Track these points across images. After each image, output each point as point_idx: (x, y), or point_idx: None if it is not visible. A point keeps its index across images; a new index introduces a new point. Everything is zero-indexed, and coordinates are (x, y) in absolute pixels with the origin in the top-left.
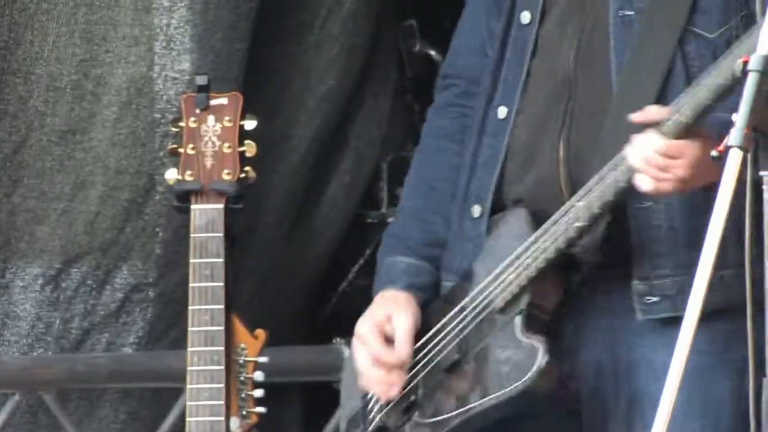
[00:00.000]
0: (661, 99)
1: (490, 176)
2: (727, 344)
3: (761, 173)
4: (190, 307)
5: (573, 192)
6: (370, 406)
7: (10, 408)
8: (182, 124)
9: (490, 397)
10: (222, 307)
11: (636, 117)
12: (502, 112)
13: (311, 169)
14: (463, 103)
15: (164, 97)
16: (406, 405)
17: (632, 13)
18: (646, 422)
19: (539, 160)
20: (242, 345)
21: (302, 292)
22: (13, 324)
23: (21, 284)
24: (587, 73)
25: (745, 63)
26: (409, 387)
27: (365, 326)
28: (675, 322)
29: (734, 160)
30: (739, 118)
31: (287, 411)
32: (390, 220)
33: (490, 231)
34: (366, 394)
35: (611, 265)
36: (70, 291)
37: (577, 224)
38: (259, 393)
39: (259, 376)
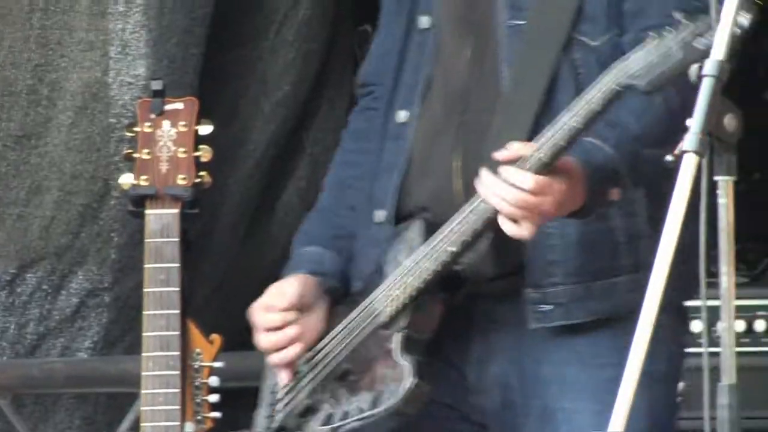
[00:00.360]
0: (547, 110)
1: (391, 181)
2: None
3: (716, 178)
4: (145, 312)
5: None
6: (276, 407)
7: None
8: (137, 129)
9: (366, 414)
10: (177, 312)
11: (500, 155)
12: (401, 116)
13: (267, 174)
14: (371, 108)
15: (119, 102)
16: (302, 408)
17: (523, 22)
18: None
19: (436, 169)
20: (198, 350)
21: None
22: None
23: None
24: (481, 84)
25: (700, 67)
26: (306, 390)
27: (258, 303)
28: (574, 330)
29: (689, 165)
30: (695, 122)
31: (243, 416)
32: None
33: (394, 239)
34: (274, 395)
35: (507, 274)
36: (25, 296)
37: (450, 249)
38: (214, 398)
39: (214, 381)
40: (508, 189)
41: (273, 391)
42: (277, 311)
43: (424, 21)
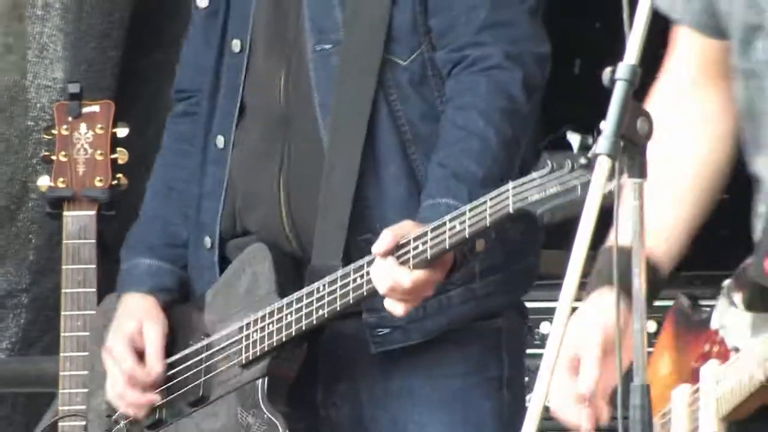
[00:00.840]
0: (369, 139)
1: (216, 207)
2: (481, 363)
3: (629, 180)
4: (63, 313)
5: (295, 232)
6: (114, 413)
7: None
8: (55, 131)
9: None
10: (94, 312)
11: (377, 248)
12: (220, 141)
13: None
14: (198, 112)
15: (38, 105)
16: (152, 421)
17: (329, 46)
18: None
19: (262, 197)
20: None
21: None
22: None
23: None
24: (298, 113)
25: (613, 71)
26: (157, 403)
27: (116, 340)
28: (417, 346)
29: (602, 167)
30: (608, 126)
31: None
32: None
33: (230, 263)
34: (110, 405)
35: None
36: None
37: (321, 312)
38: None
39: None
40: (395, 284)
41: (108, 407)
42: (139, 383)
43: (236, 44)
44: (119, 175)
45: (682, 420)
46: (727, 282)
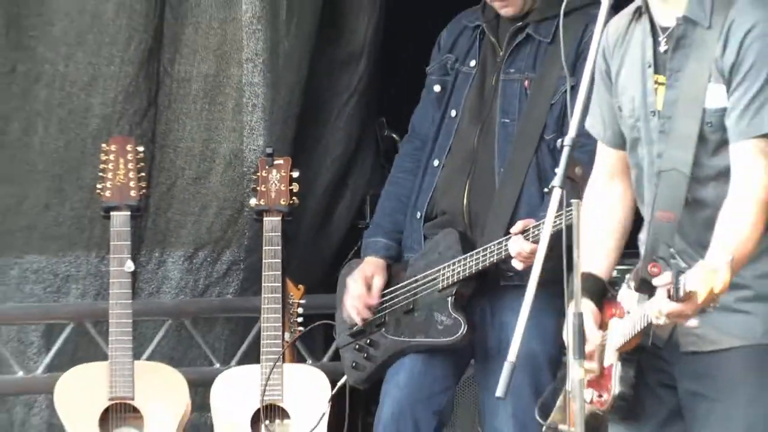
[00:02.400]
0: (522, 191)
1: (426, 197)
2: (550, 301)
3: (571, 200)
4: (263, 273)
5: (469, 221)
6: (356, 326)
7: (164, 330)
8: (258, 174)
9: (429, 340)
10: (279, 272)
11: (513, 230)
12: (435, 162)
13: (332, 188)
14: (416, 154)
15: (249, 160)
16: (378, 322)
17: (508, 120)
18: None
19: (453, 194)
20: (291, 293)
21: (326, 263)
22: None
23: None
24: (483, 153)
25: (562, 140)
26: (381, 312)
27: (358, 276)
28: (521, 288)
29: (557, 195)
30: (560, 171)
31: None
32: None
33: (429, 233)
34: (346, 322)
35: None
36: (197, 264)
37: (483, 264)
38: (299, 320)
39: (300, 311)
40: (520, 250)
41: (345, 320)
42: (368, 301)
43: (453, 113)
44: (294, 198)
45: (598, 351)
46: (628, 275)
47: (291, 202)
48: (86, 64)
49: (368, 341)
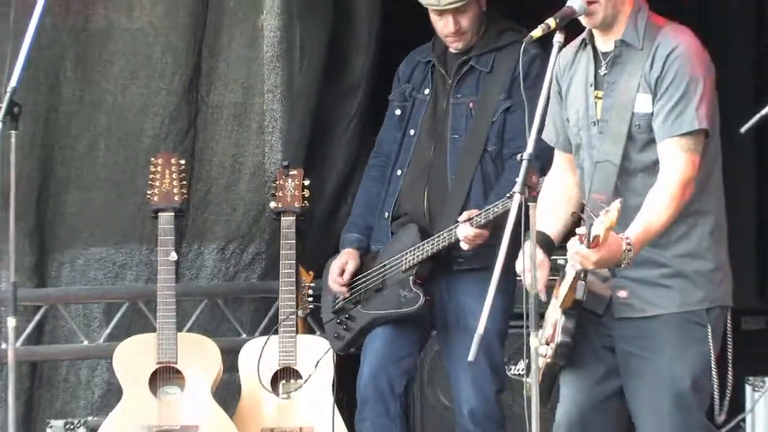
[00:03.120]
0: (470, 191)
1: (392, 200)
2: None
3: (529, 203)
4: (281, 262)
5: (429, 218)
6: (337, 299)
7: (201, 308)
8: (277, 182)
9: (395, 311)
10: (294, 261)
11: (461, 218)
12: (399, 172)
13: (337, 192)
14: (382, 166)
15: (269, 172)
16: (354, 300)
17: (457, 136)
18: (463, 333)
19: (415, 198)
20: (303, 278)
21: (332, 254)
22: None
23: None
24: (437, 163)
25: (521, 155)
26: (357, 292)
27: (336, 264)
28: (471, 271)
29: (517, 200)
30: (520, 179)
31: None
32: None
33: (395, 229)
34: (335, 296)
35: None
36: (228, 255)
37: (437, 248)
38: (310, 299)
39: (310, 291)
40: (466, 234)
41: (333, 298)
42: (341, 281)
43: (412, 131)
44: (305, 202)
45: (549, 310)
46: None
47: (303, 205)
48: (139, 94)
49: (347, 316)
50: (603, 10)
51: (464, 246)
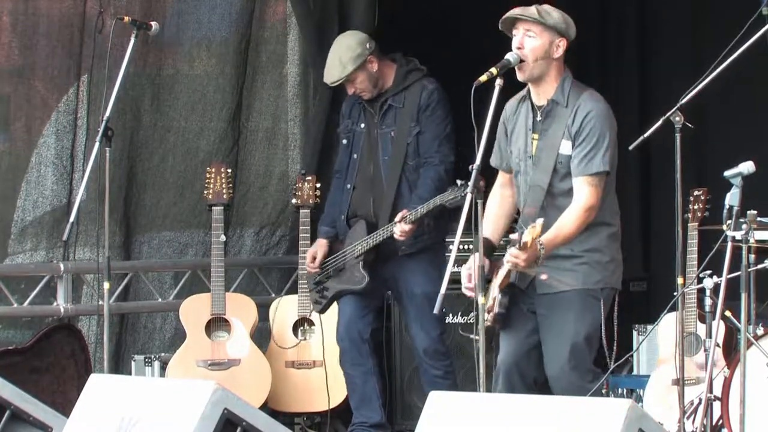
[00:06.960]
0: (400, 195)
1: (346, 206)
2: (433, 259)
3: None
4: (300, 243)
5: (376, 218)
6: (317, 278)
7: (242, 275)
8: (298, 185)
9: (351, 287)
10: (308, 243)
11: (396, 218)
12: (348, 185)
13: None
14: (339, 181)
15: (291, 178)
16: (327, 276)
17: (387, 157)
18: (411, 297)
19: (364, 206)
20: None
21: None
22: None
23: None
24: (376, 178)
25: (472, 165)
26: (328, 270)
27: (311, 251)
28: (413, 254)
29: (469, 197)
30: (473, 178)
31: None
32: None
33: (351, 225)
34: (315, 276)
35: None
36: (261, 237)
37: (377, 240)
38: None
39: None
40: (402, 229)
41: (314, 275)
42: (315, 264)
43: (355, 156)
44: (318, 199)
45: (491, 287)
46: (508, 246)
47: (316, 201)
48: (197, 121)
49: (323, 288)
50: (530, 69)
51: (399, 238)
